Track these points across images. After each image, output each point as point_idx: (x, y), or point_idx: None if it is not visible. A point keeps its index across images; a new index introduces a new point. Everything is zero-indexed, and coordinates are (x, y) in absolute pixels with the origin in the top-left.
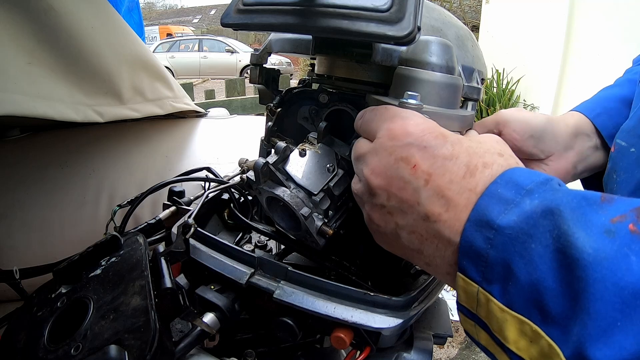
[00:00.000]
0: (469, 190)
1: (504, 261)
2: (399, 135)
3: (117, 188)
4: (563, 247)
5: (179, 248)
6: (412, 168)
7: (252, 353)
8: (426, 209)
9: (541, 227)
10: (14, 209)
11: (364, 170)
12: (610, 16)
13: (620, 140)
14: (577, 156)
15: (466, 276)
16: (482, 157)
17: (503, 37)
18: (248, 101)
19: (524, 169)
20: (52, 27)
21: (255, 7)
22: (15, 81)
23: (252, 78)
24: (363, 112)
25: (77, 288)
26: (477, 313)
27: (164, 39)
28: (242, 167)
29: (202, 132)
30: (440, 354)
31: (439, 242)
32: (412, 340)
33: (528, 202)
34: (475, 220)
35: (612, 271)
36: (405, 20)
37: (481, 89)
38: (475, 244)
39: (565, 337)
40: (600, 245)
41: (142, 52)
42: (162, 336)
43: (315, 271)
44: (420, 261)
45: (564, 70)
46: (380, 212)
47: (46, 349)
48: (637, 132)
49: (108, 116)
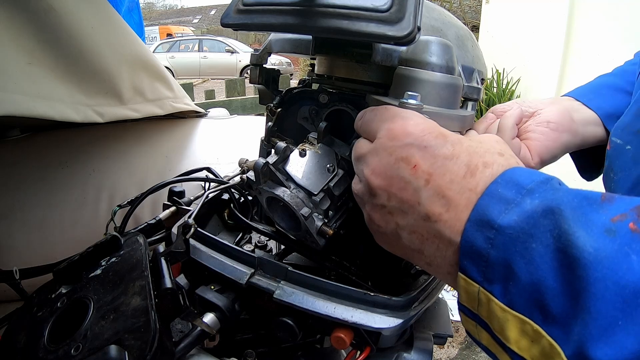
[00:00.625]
0: (470, 190)
1: (504, 261)
2: (399, 135)
3: (117, 188)
4: (564, 246)
5: (179, 248)
6: (413, 168)
7: (252, 353)
8: (427, 209)
9: (542, 227)
10: (14, 209)
11: (364, 170)
12: (610, 16)
13: (616, 138)
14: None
15: (467, 276)
16: (483, 157)
17: (503, 37)
18: (248, 101)
19: (524, 168)
20: (53, 27)
21: (255, 7)
22: (15, 81)
23: (252, 78)
24: (363, 112)
25: (77, 288)
26: (478, 313)
27: (164, 39)
28: (242, 167)
29: (202, 132)
30: (441, 354)
31: (439, 242)
32: (412, 340)
33: (529, 201)
34: (476, 220)
35: (613, 270)
36: (405, 21)
37: (481, 89)
38: (476, 244)
39: (566, 336)
40: (600, 244)
41: (142, 52)
42: (162, 336)
43: (315, 271)
44: (421, 261)
45: (564, 70)
46: (381, 213)
47: (46, 349)
48: (632, 129)
49: (108, 116)
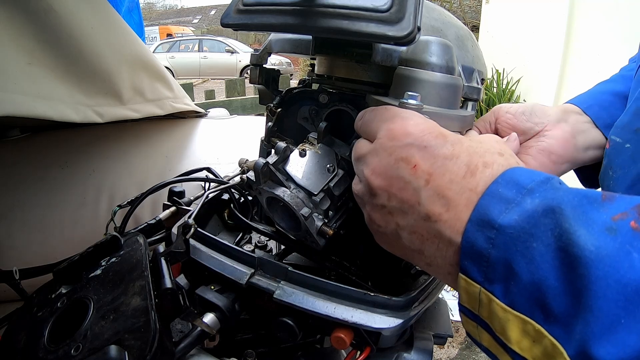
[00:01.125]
0: (470, 190)
1: (505, 261)
2: (399, 135)
3: (117, 188)
4: (565, 245)
5: (179, 248)
6: (413, 168)
7: (252, 353)
8: (427, 209)
9: (542, 226)
10: (14, 209)
11: (364, 170)
12: (610, 16)
13: (615, 137)
14: (572, 127)
15: (468, 277)
16: (483, 157)
17: (503, 37)
18: (248, 101)
19: (524, 168)
20: (52, 27)
21: (255, 7)
22: (15, 81)
23: (252, 78)
24: (363, 112)
25: (77, 288)
26: (479, 314)
27: (164, 39)
28: (242, 167)
29: (202, 132)
30: (441, 354)
31: (440, 242)
32: (412, 340)
33: (529, 201)
34: (477, 220)
35: (615, 268)
36: (405, 21)
37: (481, 89)
38: (477, 244)
39: (569, 335)
40: (602, 242)
41: (142, 53)
42: (162, 336)
43: (315, 271)
44: (421, 261)
45: (564, 70)
46: (381, 213)
47: (46, 349)
48: (631, 128)
49: (108, 116)
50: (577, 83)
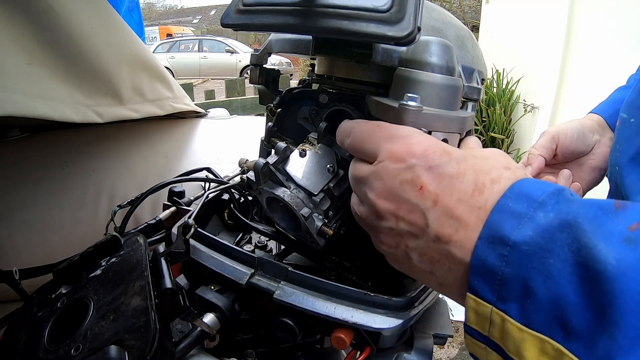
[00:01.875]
0: (479, 208)
1: (520, 278)
2: (402, 157)
3: (117, 188)
4: (584, 260)
5: (179, 248)
6: (419, 190)
7: (252, 353)
8: (436, 230)
9: (559, 241)
10: (14, 209)
11: (368, 194)
12: (610, 16)
13: (623, 113)
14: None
15: (477, 296)
16: (489, 174)
17: (503, 37)
18: (248, 101)
19: (532, 179)
20: (52, 27)
21: (255, 7)
22: (15, 81)
23: (252, 78)
24: (348, 127)
25: (77, 288)
26: (489, 335)
27: (164, 39)
28: (242, 167)
29: (202, 132)
30: (441, 354)
31: (450, 263)
32: (412, 340)
33: (542, 215)
34: (487, 237)
35: (637, 281)
36: (405, 21)
37: (481, 89)
38: (488, 262)
39: (591, 352)
40: (622, 255)
41: (142, 53)
42: (162, 336)
43: (315, 271)
44: (433, 282)
45: (564, 70)
46: (390, 235)
47: (46, 349)
48: (636, 104)
49: (108, 117)
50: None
